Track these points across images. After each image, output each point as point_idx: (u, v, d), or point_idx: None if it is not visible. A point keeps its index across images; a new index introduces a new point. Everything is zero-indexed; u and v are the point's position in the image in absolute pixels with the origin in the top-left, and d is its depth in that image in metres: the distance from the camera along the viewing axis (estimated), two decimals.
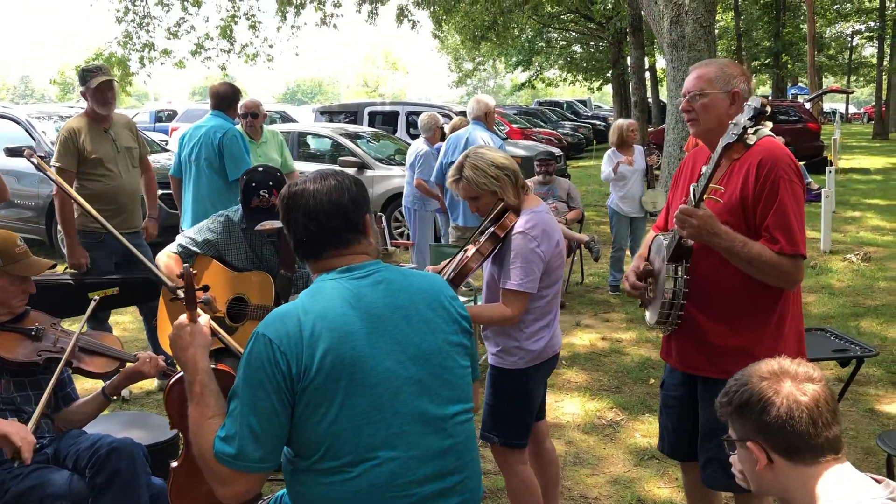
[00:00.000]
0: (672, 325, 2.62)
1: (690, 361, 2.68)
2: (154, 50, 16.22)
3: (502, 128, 18.64)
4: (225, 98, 5.44)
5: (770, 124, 2.51)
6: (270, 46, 18.83)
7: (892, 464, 3.19)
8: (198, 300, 2.04)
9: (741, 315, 2.54)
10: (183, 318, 2.03)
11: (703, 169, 2.46)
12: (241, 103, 5.71)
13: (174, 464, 2.07)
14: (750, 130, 2.30)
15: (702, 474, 2.72)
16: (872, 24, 34.68)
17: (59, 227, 8.22)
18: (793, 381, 1.61)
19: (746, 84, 2.60)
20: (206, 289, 2.22)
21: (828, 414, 1.59)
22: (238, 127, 5.61)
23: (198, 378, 1.93)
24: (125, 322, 6.35)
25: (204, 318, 2.07)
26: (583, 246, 7.56)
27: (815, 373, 1.64)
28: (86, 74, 4.74)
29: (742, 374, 1.69)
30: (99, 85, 4.67)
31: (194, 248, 3.36)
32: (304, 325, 1.81)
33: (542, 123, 24.88)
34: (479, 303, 4.68)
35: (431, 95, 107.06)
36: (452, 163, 6.11)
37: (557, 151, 14.24)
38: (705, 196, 2.41)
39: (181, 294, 2.10)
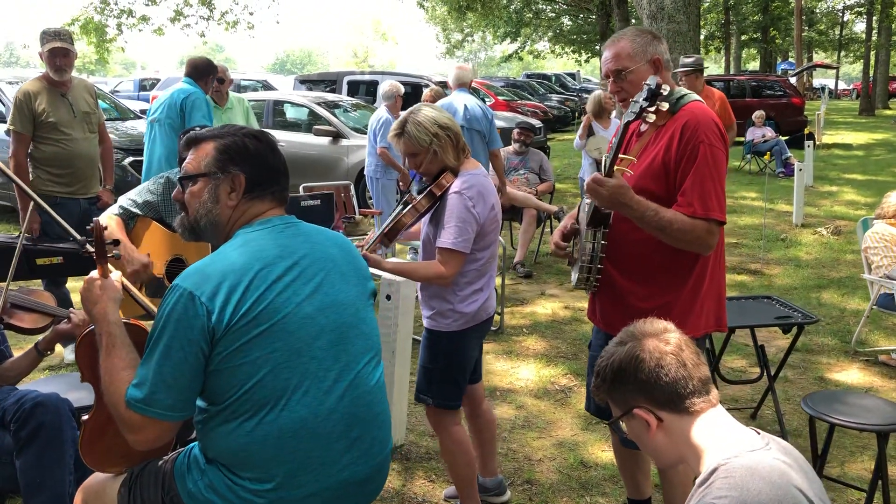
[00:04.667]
0: (591, 286, 2.64)
1: (611, 322, 2.68)
2: (132, 16, 16.03)
3: (488, 100, 18.55)
4: (199, 68, 5.47)
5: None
6: (251, 14, 18.66)
7: (813, 424, 3.27)
8: (109, 255, 2.06)
9: (657, 277, 2.55)
10: (94, 272, 2.05)
11: (613, 141, 2.44)
12: None
13: (85, 417, 2.10)
14: (650, 108, 2.31)
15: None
16: None
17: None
18: (653, 337, 1.65)
19: (660, 44, 2.58)
20: (116, 243, 2.22)
21: (693, 356, 1.63)
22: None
23: (108, 330, 1.96)
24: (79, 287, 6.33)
25: (116, 274, 2.10)
26: (552, 217, 7.60)
27: (669, 324, 1.69)
28: (43, 37, 4.69)
29: (603, 354, 1.72)
30: (51, 50, 4.61)
31: (135, 210, 3.35)
32: (227, 274, 1.85)
33: (528, 96, 24.74)
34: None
35: (421, 66, 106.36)
36: None
37: (537, 124, 14.21)
38: (615, 167, 2.38)
39: (90, 248, 2.12)
